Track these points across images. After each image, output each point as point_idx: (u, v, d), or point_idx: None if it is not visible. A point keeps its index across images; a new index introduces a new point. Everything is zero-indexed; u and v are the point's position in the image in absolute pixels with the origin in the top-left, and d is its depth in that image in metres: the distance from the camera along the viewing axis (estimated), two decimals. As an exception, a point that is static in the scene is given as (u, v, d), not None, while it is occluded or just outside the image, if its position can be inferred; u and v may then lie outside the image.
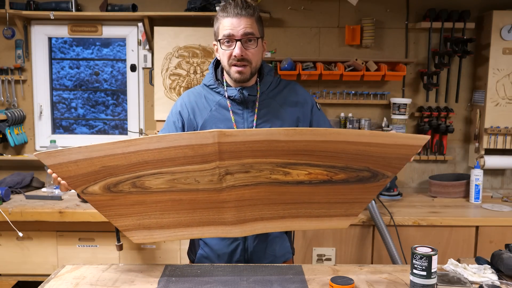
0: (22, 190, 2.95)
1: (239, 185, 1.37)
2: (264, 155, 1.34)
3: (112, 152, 1.31)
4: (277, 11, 3.15)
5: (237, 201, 1.39)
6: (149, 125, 3.26)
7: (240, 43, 1.57)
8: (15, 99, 3.22)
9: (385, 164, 1.40)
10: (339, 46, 3.17)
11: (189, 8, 3.03)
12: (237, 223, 1.38)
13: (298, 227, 1.41)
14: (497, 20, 2.94)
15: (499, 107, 3.02)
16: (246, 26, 1.57)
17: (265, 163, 1.35)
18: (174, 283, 1.43)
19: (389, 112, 3.15)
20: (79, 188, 1.36)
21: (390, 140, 1.36)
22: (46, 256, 2.68)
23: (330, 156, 1.36)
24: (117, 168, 1.33)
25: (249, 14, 1.59)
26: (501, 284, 1.42)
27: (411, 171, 3.28)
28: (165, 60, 3.05)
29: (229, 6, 1.59)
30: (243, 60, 1.59)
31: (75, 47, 3.39)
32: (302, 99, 1.74)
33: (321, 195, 1.41)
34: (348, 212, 1.38)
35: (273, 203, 1.40)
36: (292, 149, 1.34)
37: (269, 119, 1.67)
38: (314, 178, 1.38)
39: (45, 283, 1.42)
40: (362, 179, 1.40)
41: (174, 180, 1.36)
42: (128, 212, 1.38)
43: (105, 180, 1.34)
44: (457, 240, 2.64)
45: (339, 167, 1.38)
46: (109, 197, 1.37)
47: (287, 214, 1.40)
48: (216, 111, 1.67)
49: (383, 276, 1.50)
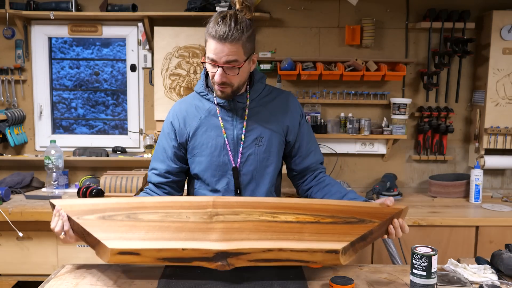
0: (22, 190, 2.95)
1: (228, 221, 1.45)
2: (253, 207, 1.49)
3: (118, 201, 1.49)
4: (277, 11, 3.15)
5: (224, 228, 1.41)
6: (149, 125, 3.26)
7: (222, 70, 1.54)
8: (15, 99, 3.22)
9: (372, 215, 1.47)
10: (339, 46, 3.17)
11: (189, 8, 3.03)
12: (223, 241, 1.35)
13: (288, 247, 1.33)
14: (497, 20, 2.95)
15: (499, 107, 3.02)
16: (229, 54, 1.51)
17: (255, 211, 1.47)
18: (174, 283, 1.43)
19: (389, 112, 3.15)
20: (76, 215, 1.41)
21: (374, 210, 1.48)
22: (46, 256, 2.68)
23: (317, 209, 1.49)
24: (117, 209, 1.46)
25: (235, 39, 1.50)
26: (501, 284, 1.42)
27: (411, 171, 3.28)
28: (165, 60, 3.05)
29: (217, 25, 1.50)
30: (224, 84, 1.58)
31: (75, 47, 3.39)
32: (293, 109, 1.75)
33: (311, 229, 1.43)
34: (341, 239, 1.36)
35: (261, 231, 1.41)
36: (280, 206, 1.50)
37: (258, 127, 1.68)
38: (302, 220, 1.46)
39: (45, 283, 1.42)
40: (350, 222, 1.45)
41: (167, 215, 1.45)
42: (112, 230, 1.40)
43: (103, 213, 1.43)
44: (457, 240, 2.64)
45: (326, 215, 1.47)
46: (100, 222, 1.41)
47: (275, 237, 1.38)
48: (206, 118, 1.68)
49: (383, 276, 1.50)
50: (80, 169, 3.25)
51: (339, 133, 3.14)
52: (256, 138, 1.68)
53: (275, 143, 1.71)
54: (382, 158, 3.26)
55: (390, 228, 1.46)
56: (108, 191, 2.53)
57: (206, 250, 1.32)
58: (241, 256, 1.33)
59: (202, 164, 1.69)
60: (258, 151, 1.68)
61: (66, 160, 3.05)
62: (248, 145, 1.67)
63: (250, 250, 1.33)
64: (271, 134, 1.69)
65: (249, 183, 1.70)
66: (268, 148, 1.69)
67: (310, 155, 1.77)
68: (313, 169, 1.78)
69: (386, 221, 1.46)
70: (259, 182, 1.71)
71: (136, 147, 3.31)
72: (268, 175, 1.71)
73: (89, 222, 1.39)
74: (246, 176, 1.69)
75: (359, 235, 1.38)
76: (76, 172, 3.25)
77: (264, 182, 1.71)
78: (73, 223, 1.41)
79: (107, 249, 1.30)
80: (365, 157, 3.27)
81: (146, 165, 3.06)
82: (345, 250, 1.33)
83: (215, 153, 1.67)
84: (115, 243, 1.31)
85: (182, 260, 1.32)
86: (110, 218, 1.42)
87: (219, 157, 1.67)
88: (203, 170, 1.69)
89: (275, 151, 1.71)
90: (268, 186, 1.72)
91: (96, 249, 1.36)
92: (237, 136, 1.67)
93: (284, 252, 1.33)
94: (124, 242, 1.33)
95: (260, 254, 1.33)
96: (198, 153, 1.69)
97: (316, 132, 3.10)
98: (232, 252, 1.32)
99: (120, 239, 1.34)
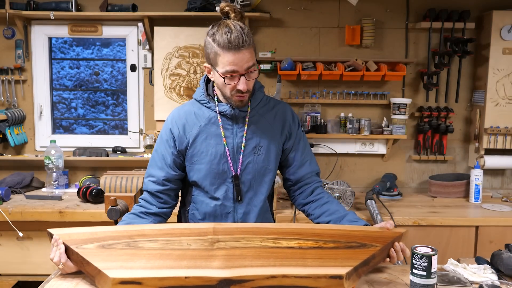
0: (22, 190, 2.95)
1: (230, 247, 1.44)
2: (254, 233, 1.49)
3: (116, 229, 1.48)
4: (277, 11, 3.15)
5: (227, 255, 1.41)
6: (149, 125, 3.26)
7: (244, 78, 1.55)
8: (15, 99, 3.23)
9: (373, 240, 1.48)
10: (339, 46, 3.17)
11: (189, 8, 3.03)
12: (225, 268, 1.34)
13: (291, 273, 1.32)
14: (497, 20, 2.95)
15: (499, 107, 3.02)
16: (248, 60, 1.53)
17: (256, 237, 1.48)
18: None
19: (389, 112, 3.15)
20: (75, 245, 1.40)
21: (375, 234, 1.49)
22: (46, 256, 2.67)
23: (318, 234, 1.50)
24: (117, 237, 1.45)
25: (249, 44, 1.52)
26: (501, 284, 1.42)
27: (411, 171, 3.28)
28: (165, 60, 3.05)
29: (227, 35, 1.50)
30: (247, 92, 1.59)
31: (75, 47, 3.39)
32: (290, 119, 1.76)
33: (313, 254, 1.43)
34: (344, 264, 1.36)
35: (264, 258, 1.41)
36: (281, 231, 1.50)
37: (257, 135, 1.69)
38: (304, 245, 1.46)
39: (45, 283, 1.42)
40: (352, 247, 1.46)
41: (167, 243, 1.45)
42: (113, 259, 1.38)
43: (102, 242, 1.42)
44: (457, 240, 2.64)
45: (328, 240, 1.48)
46: (100, 251, 1.40)
47: (278, 263, 1.37)
48: (205, 126, 1.68)
49: (383, 276, 1.50)
50: (80, 169, 3.25)
51: (339, 133, 3.14)
52: (255, 146, 1.68)
53: (273, 152, 1.71)
54: (382, 158, 3.26)
55: (391, 252, 1.47)
56: (108, 191, 2.53)
57: (209, 278, 1.30)
58: (244, 283, 1.31)
59: (201, 172, 1.68)
60: (257, 159, 1.69)
61: (66, 160, 3.05)
62: (248, 153, 1.68)
63: (254, 277, 1.31)
64: (269, 143, 1.70)
65: (247, 192, 1.70)
66: (267, 157, 1.70)
67: (305, 165, 1.77)
68: (309, 180, 1.77)
69: (387, 245, 1.47)
70: (257, 191, 1.71)
71: (136, 147, 3.31)
72: (266, 184, 1.71)
73: (88, 252, 1.38)
74: (245, 185, 1.69)
75: (362, 259, 1.39)
76: (76, 172, 3.25)
77: (261, 191, 1.71)
78: (71, 252, 1.40)
79: (108, 279, 1.29)
80: (365, 157, 3.27)
81: (146, 165, 3.05)
82: (349, 275, 1.33)
83: (214, 161, 1.66)
84: (116, 273, 1.30)
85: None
86: (110, 247, 1.41)
87: (218, 165, 1.66)
88: (202, 178, 1.68)
89: (272, 160, 1.71)
90: (266, 195, 1.73)
91: (97, 279, 1.34)
92: (237, 144, 1.67)
93: (288, 279, 1.32)
94: (126, 271, 1.31)
95: (264, 281, 1.32)
96: (197, 160, 1.68)
97: (316, 132, 3.10)
98: (235, 280, 1.31)
99: (121, 268, 1.32)
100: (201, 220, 1.72)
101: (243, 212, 1.70)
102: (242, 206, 1.69)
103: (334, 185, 2.69)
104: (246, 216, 1.70)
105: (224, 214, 1.70)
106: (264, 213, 1.74)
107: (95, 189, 2.74)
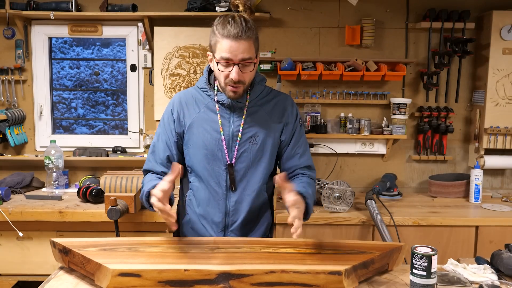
0: (22, 190, 2.95)
1: (230, 252, 1.50)
2: (254, 243, 1.59)
3: (118, 239, 1.59)
4: (277, 11, 3.15)
5: (226, 257, 1.46)
6: (149, 125, 3.26)
7: (238, 67, 1.58)
8: (15, 99, 3.23)
9: (372, 248, 1.52)
10: (339, 46, 3.17)
11: (189, 8, 3.03)
12: (225, 264, 1.38)
13: (290, 269, 1.34)
14: (497, 20, 2.95)
15: (499, 107, 3.02)
16: (244, 51, 1.56)
17: (255, 246, 1.56)
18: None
19: (389, 112, 3.15)
20: (77, 248, 1.45)
21: (374, 245, 1.56)
22: (46, 256, 2.68)
23: (318, 245, 1.57)
24: (118, 244, 1.53)
25: (249, 36, 1.56)
26: (501, 284, 1.42)
27: (411, 171, 3.29)
28: (165, 60, 3.05)
29: (229, 25, 1.55)
30: (239, 82, 1.61)
31: (75, 47, 3.39)
32: (289, 111, 1.78)
33: (313, 257, 1.47)
34: (343, 263, 1.39)
35: (263, 259, 1.45)
36: (281, 243, 1.60)
37: (254, 125, 1.72)
38: (303, 251, 1.52)
39: (45, 283, 1.42)
40: (351, 253, 1.50)
41: (168, 248, 1.53)
42: (114, 257, 1.42)
43: (104, 246, 1.50)
44: (457, 240, 2.64)
45: (327, 248, 1.55)
46: (101, 252, 1.45)
47: (277, 262, 1.40)
48: (204, 112, 1.72)
49: (383, 276, 1.50)
50: (80, 169, 3.25)
51: (339, 133, 3.15)
52: (251, 136, 1.71)
53: (269, 143, 1.73)
54: (382, 158, 3.26)
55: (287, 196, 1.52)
56: (108, 191, 2.53)
57: (208, 271, 1.33)
58: (243, 278, 1.33)
59: (197, 156, 1.72)
60: (252, 149, 1.71)
61: (66, 160, 3.05)
62: (243, 142, 1.70)
63: (253, 272, 1.34)
64: (266, 134, 1.72)
65: (241, 180, 1.72)
66: (261, 147, 1.72)
67: (295, 157, 1.78)
68: (296, 172, 1.78)
69: (386, 253, 1.50)
70: (250, 180, 1.73)
71: (136, 147, 3.31)
72: (260, 174, 1.73)
73: (90, 252, 1.43)
74: (238, 173, 1.71)
75: (361, 261, 1.41)
76: (76, 172, 3.25)
77: (255, 180, 1.73)
78: (73, 255, 1.44)
79: (107, 271, 1.32)
80: (365, 157, 3.27)
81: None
82: (348, 273, 1.35)
83: (209, 147, 1.70)
84: (116, 266, 1.33)
85: (184, 283, 1.33)
86: (111, 250, 1.47)
87: (213, 152, 1.70)
88: (196, 163, 1.73)
89: (268, 151, 1.73)
90: (260, 185, 1.74)
91: (96, 275, 1.37)
92: (233, 133, 1.70)
93: (287, 274, 1.34)
94: (125, 265, 1.35)
95: (263, 276, 1.34)
96: (192, 145, 1.72)
97: (316, 132, 3.10)
98: (234, 273, 1.33)
99: (121, 263, 1.36)
100: (196, 206, 1.76)
101: (236, 200, 1.73)
102: (235, 194, 1.72)
103: (334, 185, 2.69)
104: (238, 205, 1.73)
105: (217, 202, 1.73)
106: (260, 204, 1.77)
107: (95, 189, 2.74)
